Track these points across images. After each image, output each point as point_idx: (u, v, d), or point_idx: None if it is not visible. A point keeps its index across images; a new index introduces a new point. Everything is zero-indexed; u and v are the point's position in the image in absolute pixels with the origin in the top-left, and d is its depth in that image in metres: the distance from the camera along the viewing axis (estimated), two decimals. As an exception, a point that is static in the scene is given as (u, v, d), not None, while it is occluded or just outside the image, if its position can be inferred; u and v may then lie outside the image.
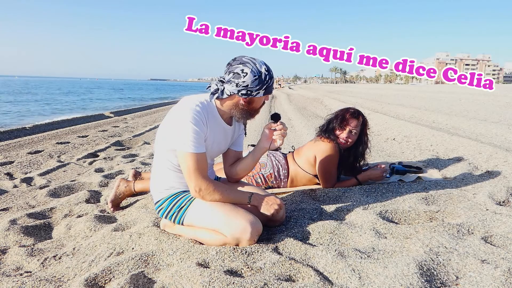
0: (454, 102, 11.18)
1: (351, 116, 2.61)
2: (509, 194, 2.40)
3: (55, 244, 1.99)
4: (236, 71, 1.73)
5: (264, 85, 1.76)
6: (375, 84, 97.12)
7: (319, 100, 14.74)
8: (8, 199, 2.81)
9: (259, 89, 1.76)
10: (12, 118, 12.78)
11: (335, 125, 2.63)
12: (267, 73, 1.76)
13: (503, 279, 1.38)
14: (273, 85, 1.83)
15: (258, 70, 1.73)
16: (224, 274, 1.45)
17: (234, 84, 1.75)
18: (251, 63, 1.74)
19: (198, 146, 1.72)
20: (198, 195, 1.79)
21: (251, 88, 1.74)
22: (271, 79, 1.79)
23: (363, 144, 2.70)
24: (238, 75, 1.73)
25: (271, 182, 2.70)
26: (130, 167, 3.75)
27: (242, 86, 1.74)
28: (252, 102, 1.82)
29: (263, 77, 1.74)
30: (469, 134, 4.90)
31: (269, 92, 1.83)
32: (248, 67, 1.72)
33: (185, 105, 1.76)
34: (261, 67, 1.75)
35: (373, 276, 1.45)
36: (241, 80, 1.72)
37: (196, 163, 1.73)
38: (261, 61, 1.77)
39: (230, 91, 1.77)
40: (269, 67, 1.79)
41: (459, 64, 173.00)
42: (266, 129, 1.93)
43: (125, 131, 7.07)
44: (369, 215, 2.08)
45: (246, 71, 1.72)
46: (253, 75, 1.72)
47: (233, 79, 1.74)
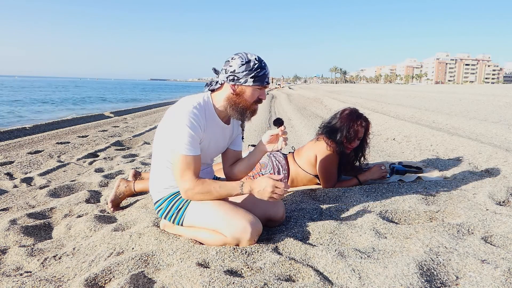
0: (454, 102, 11.18)
1: (360, 126, 2.56)
2: (509, 194, 2.40)
3: (55, 244, 1.99)
4: (227, 60, 1.81)
5: (252, 72, 1.76)
6: (375, 84, 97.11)
7: (319, 100, 14.75)
8: (8, 199, 2.81)
9: (246, 75, 1.76)
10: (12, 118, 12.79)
11: (344, 136, 2.54)
12: (257, 62, 1.77)
13: (503, 279, 1.38)
14: (266, 79, 1.81)
15: (247, 57, 1.77)
16: (224, 274, 1.45)
17: (224, 72, 1.80)
18: (242, 53, 1.80)
19: (192, 149, 1.73)
20: (186, 195, 1.79)
21: (237, 74, 1.76)
22: (261, 69, 1.78)
23: (365, 145, 2.70)
24: (228, 62, 1.80)
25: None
26: (130, 167, 3.75)
27: (230, 72, 1.78)
28: (242, 93, 1.80)
29: (252, 64, 1.76)
30: (469, 134, 4.90)
31: (260, 83, 1.78)
32: (238, 55, 1.79)
33: (183, 107, 1.77)
34: (251, 56, 1.78)
35: (373, 276, 1.45)
36: (229, 65, 1.78)
37: (186, 165, 1.73)
38: (256, 55, 1.80)
39: (221, 79, 1.83)
40: (262, 59, 1.80)
41: (459, 64, 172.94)
42: (268, 133, 1.93)
43: (125, 131, 7.07)
44: (369, 215, 2.08)
45: (235, 58, 1.78)
46: (240, 60, 1.76)
47: (223, 67, 1.81)
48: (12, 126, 8.59)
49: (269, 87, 2.52)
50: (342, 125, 2.57)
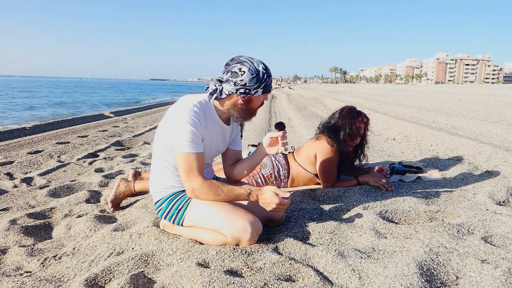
0: (454, 102, 11.18)
1: (362, 123, 2.58)
2: (509, 194, 2.40)
3: (55, 244, 1.99)
4: (234, 70, 1.74)
5: (262, 83, 1.76)
6: (375, 84, 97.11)
7: (319, 100, 14.75)
8: (8, 199, 2.81)
9: (257, 87, 1.76)
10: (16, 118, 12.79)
11: (346, 134, 2.55)
12: (265, 71, 1.77)
13: (503, 279, 1.38)
14: (271, 84, 1.84)
15: (256, 68, 1.75)
16: (224, 274, 1.45)
17: (232, 83, 1.76)
18: (248, 62, 1.75)
19: (194, 146, 1.72)
20: (193, 194, 1.78)
21: (249, 87, 1.74)
22: (269, 77, 1.79)
23: (364, 142, 2.71)
24: (236, 74, 1.74)
25: (271, 182, 2.70)
26: (130, 167, 3.75)
27: (240, 85, 1.74)
28: (251, 101, 1.82)
29: (261, 75, 1.75)
30: (469, 134, 4.90)
31: (267, 91, 1.82)
32: (245, 65, 1.74)
33: (183, 105, 1.77)
34: (258, 65, 1.76)
35: (373, 276, 1.45)
36: (239, 79, 1.73)
37: (191, 163, 1.72)
38: (258, 60, 1.78)
39: (228, 90, 1.78)
40: (266, 66, 1.79)
41: (459, 64, 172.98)
42: (268, 135, 1.93)
43: (125, 131, 7.07)
44: (369, 215, 2.08)
45: (244, 70, 1.73)
46: (250, 73, 1.73)
47: (231, 78, 1.75)
48: (12, 126, 8.59)
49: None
50: (344, 123, 2.58)
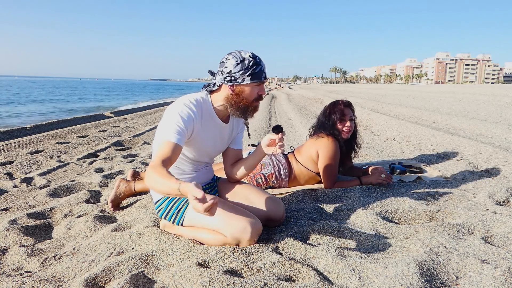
0: (454, 102, 11.18)
1: (345, 106, 2.70)
2: (509, 194, 2.40)
3: (55, 244, 1.99)
4: (221, 61, 1.80)
5: (249, 70, 1.75)
6: (375, 84, 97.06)
7: (319, 100, 14.75)
8: (8, 199, 2.81)
9: (243, 74, 1.75)
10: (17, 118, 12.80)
11: (335, 120, 2.66)
12: (252, 59, 1.77)
13: (503, 279, 1.38)
14: (263, 74, 1.81)
15: (241, 56, 1.77)
16: (224, 274, 1.45)
17: (220, 73, 1.80)
18: (236, 52, 1.79)
19: (175, 136, 1.66)
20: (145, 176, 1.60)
21: (234, 74, 1.76)
22: (257, 65, 1.78)
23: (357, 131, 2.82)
24: (222, 64, 1.79)
25: (272, 182, 2.70)
26: (130, 167, 3.75)
27: (226, 73, 1.77)
28: (242, 92, 1.80)
29: (247, 62, 1.76)
30: (469, 134, 4.90)
31: (257, 79, 1.77)
32: (232, 55, 1.78)
33: (180, 101, 1.80)
34: (245, 54, 1.78)
35: (373, 276, 1.46)
36: (224, 66, 1.77)
37: (162, 151, 1.62)
38: (249, 51, 1.80)
39: (218, 81, 1.82)
40: (256, 55, 1.80)
41: (459, 64, 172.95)
42: (267, 137, 1.92)
43: (125, 131, 7.07)
44: (369, 215, 2.08)
45: (229, 58, 1.77)
46: (235, 60, 1.76)
47: (219, 68, 1.80)
48: (12, 126, 8.59)
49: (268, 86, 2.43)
50: (327, 112, 2.73)
